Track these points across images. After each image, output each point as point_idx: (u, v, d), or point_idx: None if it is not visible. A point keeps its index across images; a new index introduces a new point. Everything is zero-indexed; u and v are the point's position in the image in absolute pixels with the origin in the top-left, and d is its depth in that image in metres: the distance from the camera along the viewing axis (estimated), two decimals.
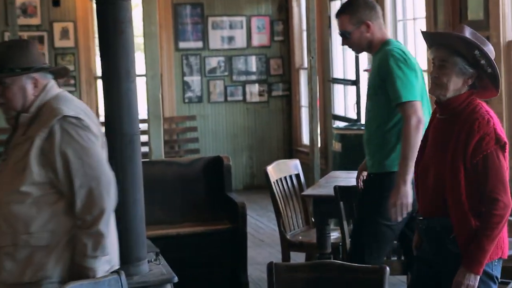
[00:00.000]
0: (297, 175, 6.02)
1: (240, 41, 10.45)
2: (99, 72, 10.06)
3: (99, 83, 9.84)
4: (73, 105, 3.45)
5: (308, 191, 5.75)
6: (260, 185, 9.50)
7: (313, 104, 7.85)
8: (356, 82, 9.03)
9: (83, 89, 9.85)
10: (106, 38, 3.89)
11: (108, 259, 3.43)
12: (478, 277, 3.44)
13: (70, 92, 9.97)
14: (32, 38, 9.45)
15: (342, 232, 4.96)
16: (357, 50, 4.69)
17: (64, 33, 9.73)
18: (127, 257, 4.10)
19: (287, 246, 5.65)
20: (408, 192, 4.17)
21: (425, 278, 3.74)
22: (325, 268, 3.40)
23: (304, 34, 9.46)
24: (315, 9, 8.06)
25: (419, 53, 7.66)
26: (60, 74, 3.76)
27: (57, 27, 9.66)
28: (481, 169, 3.43)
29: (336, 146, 8.05)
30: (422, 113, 4.23)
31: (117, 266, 3.52)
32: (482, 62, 3.48)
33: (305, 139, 10.59)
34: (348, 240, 4.91)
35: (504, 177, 3.47)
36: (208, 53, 10.07)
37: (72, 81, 9.77)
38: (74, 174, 3.31)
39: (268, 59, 10.44)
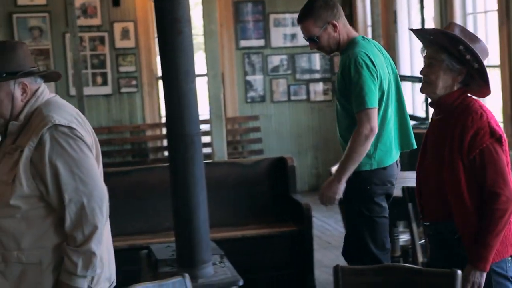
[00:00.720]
0: None
1: (303, 38, 10.17)
2: (160, 73, 10.16)
3: (161, 83, 9.92)
4: (65, 113, 3.30)
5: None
6: None
7: None
8: None
9: (144, 90, 10.02)
10: (165, 38, 3.98)
11: (108, 277, 3.35)
12: (485, 274, 3.49)
13: (132, 93, 9.89)
14: (93, 39, 9.74)
15: (412, 234, 5.01)
16: (328, 51, 4.80)
17: (125, 33, 9.91)
18: (192, 260, 4.23)
19: None
20: (339, 189, 4.53)
21: None
22: (392, 272, 3.38)
23: (369, 29, 9.48)
24: (380, 3, 7.97)
25: (490, 48, 7.71)
26: (51, 78, 3.60)
27: (118, 27, 9.84)
28: (479, 164, 3.50)
29: None
30: (376, 121, 4.46)
31: (115, 283, 3.45)
32: (468, 57, 3.52)
33: None
34: (418, 243, 5.01)
35: (504, 170, 3.51)
36: (270, 51, 10.07)
37: (134, 82, 9.92)
38: (64, 188, 3.15)
39: (332, 57, 10.23)
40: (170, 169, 4.21)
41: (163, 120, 9.81)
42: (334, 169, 5.55)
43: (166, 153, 10.04)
